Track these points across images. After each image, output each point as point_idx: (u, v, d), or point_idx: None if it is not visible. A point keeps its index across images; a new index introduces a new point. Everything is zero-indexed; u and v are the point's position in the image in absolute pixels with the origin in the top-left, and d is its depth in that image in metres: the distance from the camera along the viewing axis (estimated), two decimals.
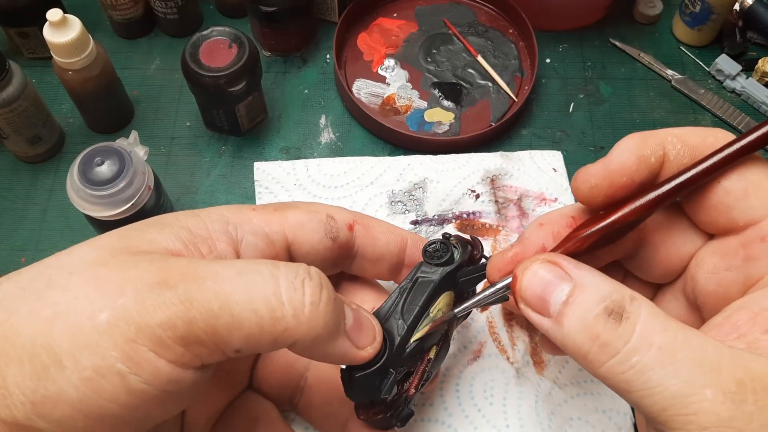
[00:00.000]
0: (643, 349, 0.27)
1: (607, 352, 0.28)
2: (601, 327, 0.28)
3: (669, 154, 0.33)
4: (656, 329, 0.28)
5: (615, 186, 0.33)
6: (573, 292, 0.29)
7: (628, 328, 0.28)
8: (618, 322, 0.28)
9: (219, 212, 0.34)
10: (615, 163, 0.33)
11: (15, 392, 0.26)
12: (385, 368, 0.34)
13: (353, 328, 0.32)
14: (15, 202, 0.56)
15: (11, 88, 0.51)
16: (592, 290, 0.29)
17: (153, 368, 0.27)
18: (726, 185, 0.32)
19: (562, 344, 0.30)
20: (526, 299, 0.31)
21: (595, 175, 0.33)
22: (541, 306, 0.30)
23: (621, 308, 0.28)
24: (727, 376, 0.26)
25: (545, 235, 0.36)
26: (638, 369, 0.27)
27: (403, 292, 0.36)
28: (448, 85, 0.62)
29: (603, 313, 0.28)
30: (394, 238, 0.40)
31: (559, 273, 0.30)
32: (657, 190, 0.32)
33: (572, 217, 0.36)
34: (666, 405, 0.27)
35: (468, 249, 0.39)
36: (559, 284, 0.30)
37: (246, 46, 0.53)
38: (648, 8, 0.68)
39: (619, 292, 0.29)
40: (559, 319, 0.29)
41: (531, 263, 0.31)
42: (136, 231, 0.31)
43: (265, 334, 0.28)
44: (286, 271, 0.29)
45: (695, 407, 0.26)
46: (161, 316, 0.27)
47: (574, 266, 0.30)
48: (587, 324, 0.29)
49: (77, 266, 0.29)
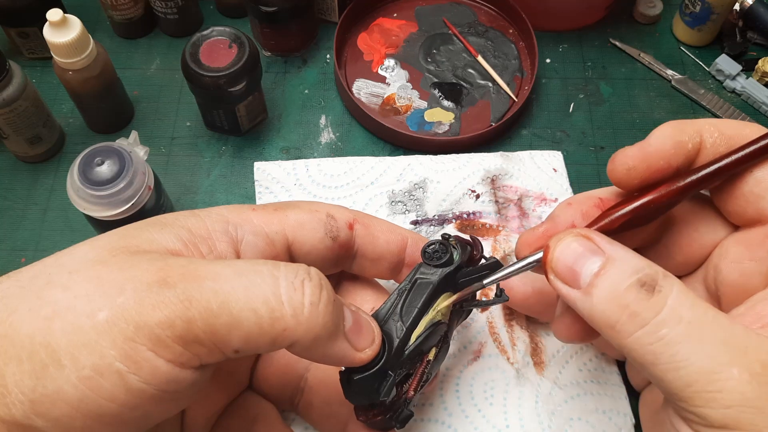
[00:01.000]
0: (672, 322, 0.27)
1: (636, 322, 0.28)
2: (633, 297, 0.28)
3: (706, 141, 0.33)
4: (686, 305, 0.28)
5: (652, 169, 0.33)
6: (605, 265, 0.30)
7: (659, 301, 0.28)
8: (650, 293, 0.28)
9: (219, 212, 0.34)
10: (653, 146, 0.33)
11: (14, 391, 0.26)
12: (384, 371, 0.34)
13: (352, 329, 0.32)
14: (15, 202, 0.56)
15: (11, 88, 0.51)
16: (624, 264, 0.30)
17: (152, 367, 0.27)
18: (758, 175, 0.32)
19: (589, 315, 0.30)
20: (557, 270, 0.31)
21: (632, 157, 0.33)
22: (572, 277, 0.30)
23: (654, 281, 0.29)
24: (754, 357, 0.27)
25: (575, 213, 0.36)
26: (666, 341, 0.27)
27: (402, 293, 0.36)
28: (448, 85, 0.62)
29: (636, 284, 0.29)
30: (394, 237, 0.40)
31: (591, 246, 0.31)
32: (694, 175, 0.32)
33: (600, 198, 0.37)
34: (691, 380, 0.27)
35: (467, 249, 0.39)
36: (591, 257, 0.30)
37: (246, 46, 0.53)
38: (648, 8, 0.68)
39: (652, 267, 0.29)
40: (588, 290, 0.30)
41: (564, 236, 0.32)
42: (136, 230, 0.31)
43: (264, 334, 0.28)
44: (286, 271, 0.29)
45: (720, 385, 0.26)
46: (160, 315, 0.27)
47: (607, 242, 0.31)
48: (618, 294, 0.29)
49: (77, 265, 0.29)
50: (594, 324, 0.30)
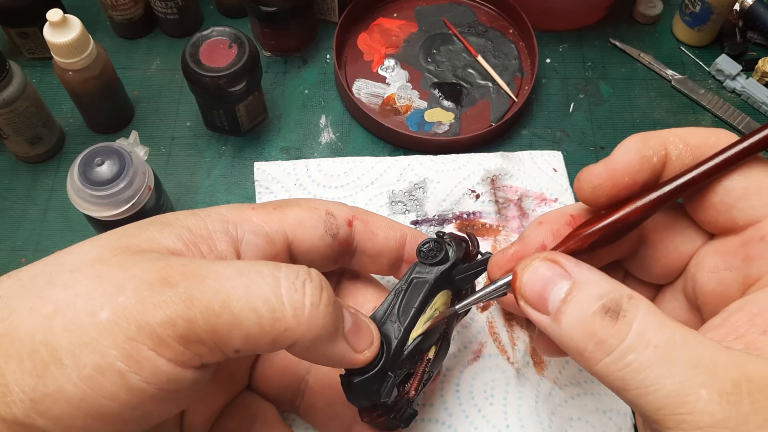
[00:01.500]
0: (639, 347, 0.27)
1: (603, 349, 0.28)
2: (598, 325, 0.28)
3: (671, 154, 0.33)
4: (653, 328, 0.28)
5: (618, 186, 0.33)
6: (571, 290, 0.29)
7: (624, 327, 0.28)
8: (615, 320, 0.28)
9: (219, 212, 0.34)
10: (618, 163, 0.33)
11: (14, 390, 0.26)
12: (384, 372, 0.34)
13: (351, 331, 0.32)
14: (15, 203, 0.56)
15: (11, 89, 0.51)
16: (590, 288, 0.29)
17: (153, 367, 0.27)
18: (727, 184, 0.32)
19: (560, 341, 0.30)
20: (526, 296, 0.31)
21: (598, 175, 0.33)
22: (540, 303, 0.30)
23: (618, 306, 0.28)
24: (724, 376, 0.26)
25: (545, 233, 0.36)
26: (633, 367, 0.27)
27: (398, 293, 0.36)
28: (448, 85, 0.62)
29: (600, 311, 0.28)
30: (393, 234, 0.40)
31: (558, 271, 0.30)
32: (659, 190, 0.32)
33: (572, 216, 0.37)
34: (661, 404, 0.26)
35: (463, 246, 0.39)
36: (558, 282, 0.30)
37: (246, 46, 0.53)
38: (648, 8, 0.68)
39: (617, 290, 0.29)
40: (557, 317, 0.29)
41: (531, 261, 0.31)
42: (136, 230, 0.31)
43: (265, 334, 0.28)
44: (287, 271, 0.29)
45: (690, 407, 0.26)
46: (161, 314, 0.27)
47: (574, 264, 0.30)
48: (584, 321, 0.29)
49: (78, 264, 0.29)
50: (564, 349, 0.30)
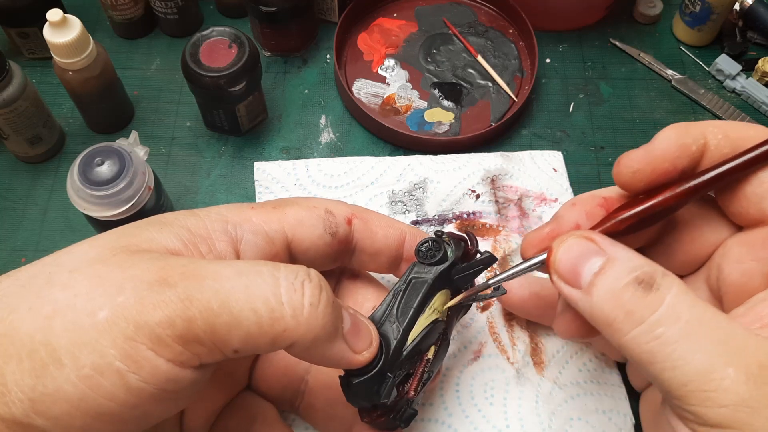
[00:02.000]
0: (669, 321, 0.28)
1: (633, 320, 0.28)
2: (629, 295, 0.29)
3: (710, 143, 0.33)
4: (685, 304, 0.28)
5: (657, 172, 0.33)
6: (605, 265, 0.30)
7: (656, 299, 0.28)
8: (647, 291, 0.28)
9: (218, 212, 0.34)
10: (658, 149, 0.33)
11: (14, 389, 0.26)
12: (383, 373, 0.34)
13: (350, 332, 0.32)
14: (15, 203, 0.56)
15: (11, 89, 0.51)
16: (624, 263, 0.30)
17: (151, 367, 0.27)
18: (761, 176, 0.32)
19: (590, 314, 0.30)
20: (559, 271, 0.31)
21: (638, 160, 0.33)
22: (573, 278, 0.31)
23: (652, 279, 0.29)
24: (751, 358, 0.27)
25: (579, 214, 0.36)
26: (662, 340, 0.27)
27: (397, 294, 0.36)
28: (448, 85, 0.62)
29: (633, 282, 0.29)
30: (392, 232, 0.40)
31: (593, 248, 0.31)
32: (700, 178, 0.33)
33: (604, 198, 0.37)
34: (686, 380, 0.27)
35: (462, 245, 0.39)
36: (592, 257, 0.31)
37: (246, 46, 0.53)
38: (648, 8, 0.68)
39: (652, 265, 0.30)
40: (589, 289, 0.30)
41: (567, 237, 0.32)
42: (136, 230, 0.31)
43: (263, 334, 0.28)
44: (286, 272, 0.29)
45: (716, 384, 0.26)
46: (160, 314, 0.27)
47: (609, 243, 0.31)
48: (616, 292, 0.29)
49: (77, 264, 0.29)
50: (594, 323, 0.30)
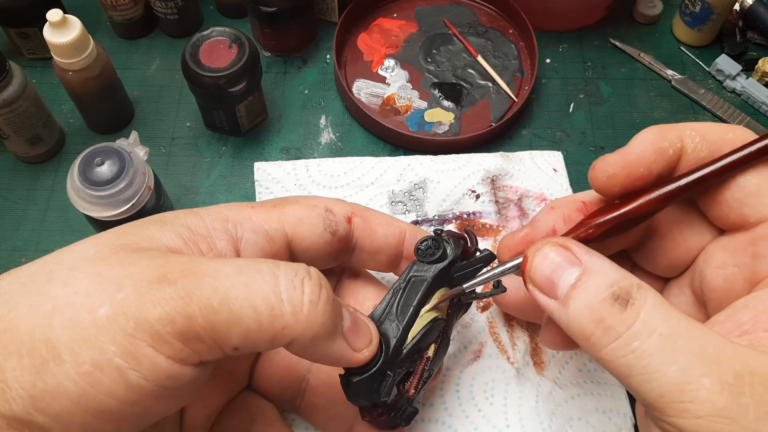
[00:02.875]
0: (644, 334, 0.28)
1: (610, 335, 0.28)
2: (607, 311, 0.29)
3: (687, 147, 0.33)
4: (659, 317, 0.28)
5: (632, 176, 0.33)
6: (581, 277, 0.30)
7: (632, 314, 0.28)
8: (623, 307, 0.29)
9: (218, 210, 0.34)
10: (634, 153, 0.33)
11: (14, 386, 0.26)
12: (383, 371, 0.34)
13: (350, 330, 0.32)
14: (15, 203, 0.56)
15: (11, 89, 0.51)
16: (600, 276, 0.30)
17: (151, 363, 0.27)
18: (741, 181, 0.32)
19: (566, 326, 0.30)
20: (535, 280, 0.31)
21: (613, 164, 0.33)
22: (549, 288, 0.31)
23: (627, 294, 0.29)
24: (726, 368, 0.27)
25: (556, 218, 0.36)
26: (638, 354, 0.27)
27: (396, 292, 0.36)
28: (448, 85, 0.62)
29: (609, 298, 0.29)
30: (392, 230, 0.40)
31: (569, 257, 0.31)
32: (674, 183, 0.32)
33: (583, 202, 0.37)
34: (663, 391, 0.27)
35: (461, 244, 0.38)
36: (568, 268, 0.30)
37: (246, 46, 0.53)
38: (648, 8, 0.68)
39: (627, 279, 0.29)
40: (565, 302, 0.30)
41: (542, 245, 0.32)
42: (136, 228, 0.31)
43: (263, 332, 0.28)
44: (286, 269, 0.29)
45: (692, 395, 0.26)
46: (160, 311, 0.27)
47: (585, 252, 0.31)
48: (593, 307, 0.29)
49: (77, 262, 0.29)
50: (570, 334, 0.30)
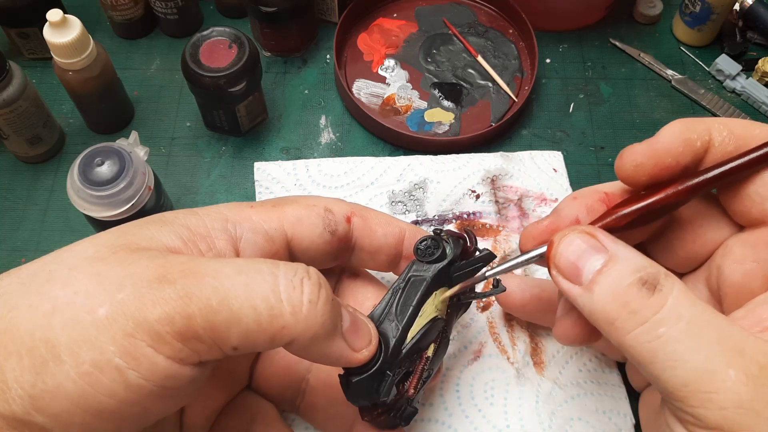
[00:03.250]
0: (671, 320, 0.28)
1: (636, 319, 0.28)
2: (634, 294, 0.29)
3: (715, 140, 0.33)
4: (686, 305, 0.28)
5: (660, 166, 0.33)
6: (607, 263, 0.30)
7: (659, 299, 0.28)
8: (651, 291, 0.29)
9: (218, 210, 0.34)
10: (662, 143, 0.33)
11: (14, 386, 0.26)
12: (382, 371, 0.34)
13: (349, 330, 0.32)
14: (15, 203, 0.56)
15: (11, 89, 0.51)
16: (627, 262, 0.30)
17: (151, 363, 0.27)
18: (764, 176, 0.32)
19: (590, 311, 0.30)
20: (560, 266, 0.31)
21: (641, 154, 0.33)
22: (574, 273, 0.31)
23: (655, 280, 0.29)
24: (751, 359, 0.26)
25: (579, 208, 0.36)
26: (664, 340, 0.27)
27: (396, 292, 0.36)
28: (448, 85, 0.62)
29: (637, 282, 0.29)
30: (391, 230, 0.40)
31: (595, 244, 0.31)
32: (702, 176, 0.32)
33: (606, 193, 0.37)
34: (687, 380, 0.27)
35: (460, 243, 0.38)
36: (594, 254, 0.30)
37: (246, 46, 0.53)
38: (648, 8, 0.68)
39: (655, 266, 0.30)
40: (590, 286, 0.30)
41: (569, 232, 0.32)
42: (135, 228, 0.31)
43: (262, 332, 0.28)
44: (285, 269, 0.29)
45: (717, 385, 0.26)
46: (160, 311, 0.27)
47: (611, 240, 0.31)
48: (619, 291, 0.29)
49: (77, 262, 0.29)
50: (593, 320, 0.30)
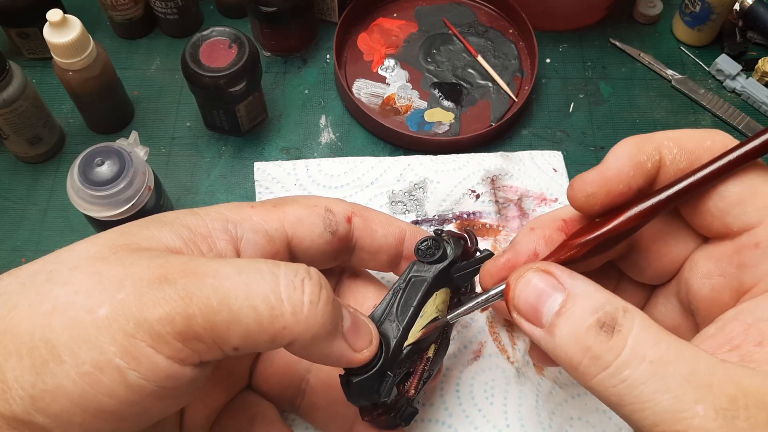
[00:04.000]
0: (634, 362, 0.27)
1: (599, 364, 0.28)
2: (593, 339, 0.28)
3: (665, 158, 0.32)
4: (648, 342, 0.27)
5: (612, 194, 0.32)
6: (566, 303, 0.29)
7: (619, 341, 0.27)
8: (609, 334, 0.28)
9: (218, 210, 0.34)
10: (611, 170, 0.32)
11: (14, 386, 0.26)
12: (383, 372, 0.34)
13: (350, 330, 0.32)
14: (15, 203, 0.56)
15: (11, 89, 0.51)
16: (584, 301, 0.29)
17: (151, 364, 0.27)
18: (722, 190, 0.31)
19: (554, 355, 0.29)
20: (519, 308, 0.31)
21: (591, 183, 0.32)
22: (534, 316, 0.30)
23: (613, 320, 0.28)
24: (719, 391, 0.26)
25: (537, 240, 0.35)
26: (629, 383, 0.27)
27: (397, 292, 0.36)
28: (448, 85, 0.62)
29: (595, 325, 0.28)
30: (392, 230, 0.40)
31: (552, 282, 0.30)
32: (654, 198, 0.32)
33: (564, 221, 0.36)
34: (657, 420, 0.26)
35: (461, 244, 0.38)
36: (551, 294, 0.30)
37: (246, 46, 0.53)
38: (648, 8, 0.68)
39: (612, 303, 0.29)
40: (551, 330, 0.29)
41: (524, 272, 0.31)
42: (136, 228, 0.31)
43: (263, 332, 0.28)
44: (286, 269, 0.29)
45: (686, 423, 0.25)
46: (160, 311, 0.27)
47: (568, 276, 0.30)
48: (579, 336, 0.28)
49: (77, 262, 0.29)
50: (559, 363, 0.29)
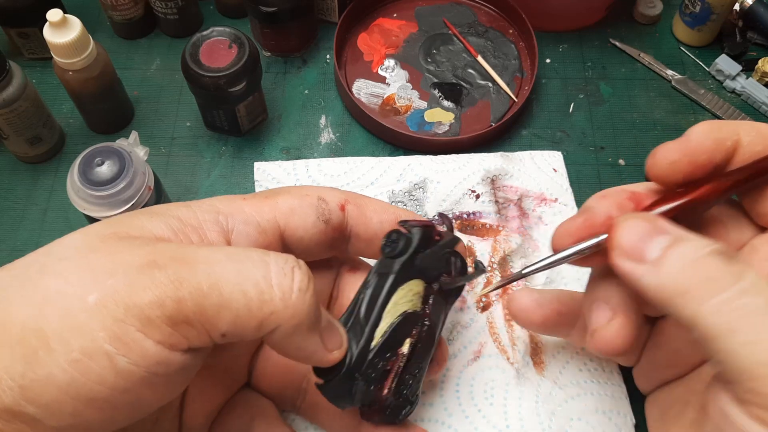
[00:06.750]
0: (754, 291, 0.26)
1: (715, 287, 0.27)
2: (712, 263, 0.27)
3: (743, 139, 0.33)
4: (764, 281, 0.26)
5: (694, 164, 0.32)
6: (676, 241, 0.29)
7: (741, 269, 0.27)
8: (729, 260, 0.27)
9: (210, 203, 0.34)
10: (694, 141, 0.32)
11: (4, 377, 0.26)
12: (351, 374, 0.33)
13: (326, 328, 0.32)
14: (15, 203, 0.56)
15: (11, 89, 0.51)
16: (696, 240, 0.29)
17: (140, 348, 0.27)
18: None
19: (656, 287, 0.29)
20: (623, 245, 0.30)
21: (677, 150, 0.33)
22: (638, 252, 0.30)
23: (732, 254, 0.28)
24: None
25: (610, 206, 0.35)
26: (746, 311, 0.26)
27: (363, 290, 0.35)
28: (448, 85, 0.62)
29: (715, 252, 0.28)
30: (387, 217, 0.39)
31: (659, 225, 0.30)
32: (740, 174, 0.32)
33: (632, 192, 0.36)
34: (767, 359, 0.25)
35: (425, 232, 0.37)
36: (659, 235, 0.30)
37: (246, 46, 0.53)
38: (648, 8, 0.68)
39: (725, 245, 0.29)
40: (659, 261, 0.29)
41: (630, 217, 0.31)
42: (126, 219, 0.31)
43: (252, 317, 0.28)
44: (276, 257, 0.30)
45: None
46: (150, 295, 0.27)
47: (673, 225, 0.30)
48: (694, 261, 0.28)
49: (68, 253, 0.29)
50: (659, 295, 0.29)
